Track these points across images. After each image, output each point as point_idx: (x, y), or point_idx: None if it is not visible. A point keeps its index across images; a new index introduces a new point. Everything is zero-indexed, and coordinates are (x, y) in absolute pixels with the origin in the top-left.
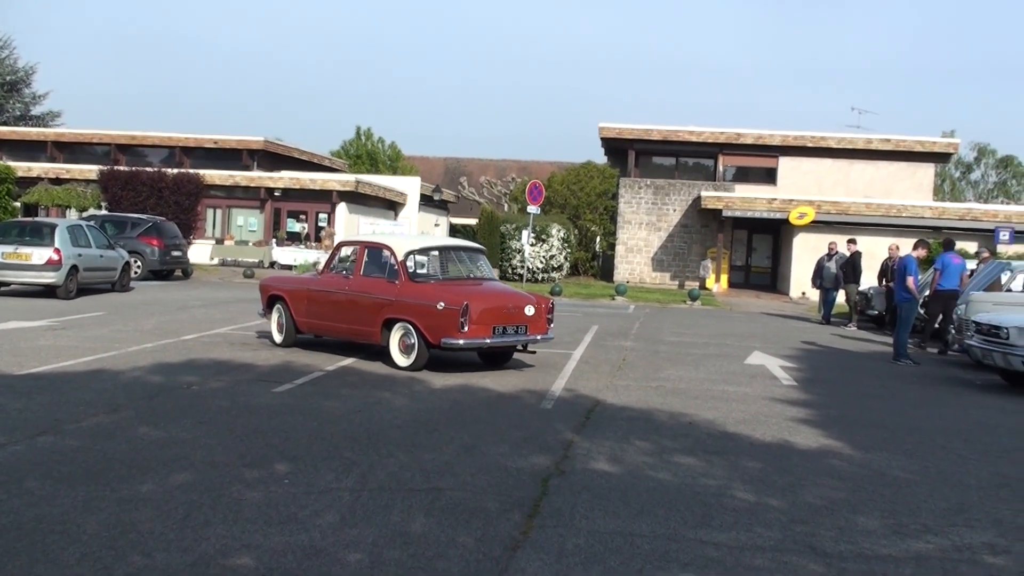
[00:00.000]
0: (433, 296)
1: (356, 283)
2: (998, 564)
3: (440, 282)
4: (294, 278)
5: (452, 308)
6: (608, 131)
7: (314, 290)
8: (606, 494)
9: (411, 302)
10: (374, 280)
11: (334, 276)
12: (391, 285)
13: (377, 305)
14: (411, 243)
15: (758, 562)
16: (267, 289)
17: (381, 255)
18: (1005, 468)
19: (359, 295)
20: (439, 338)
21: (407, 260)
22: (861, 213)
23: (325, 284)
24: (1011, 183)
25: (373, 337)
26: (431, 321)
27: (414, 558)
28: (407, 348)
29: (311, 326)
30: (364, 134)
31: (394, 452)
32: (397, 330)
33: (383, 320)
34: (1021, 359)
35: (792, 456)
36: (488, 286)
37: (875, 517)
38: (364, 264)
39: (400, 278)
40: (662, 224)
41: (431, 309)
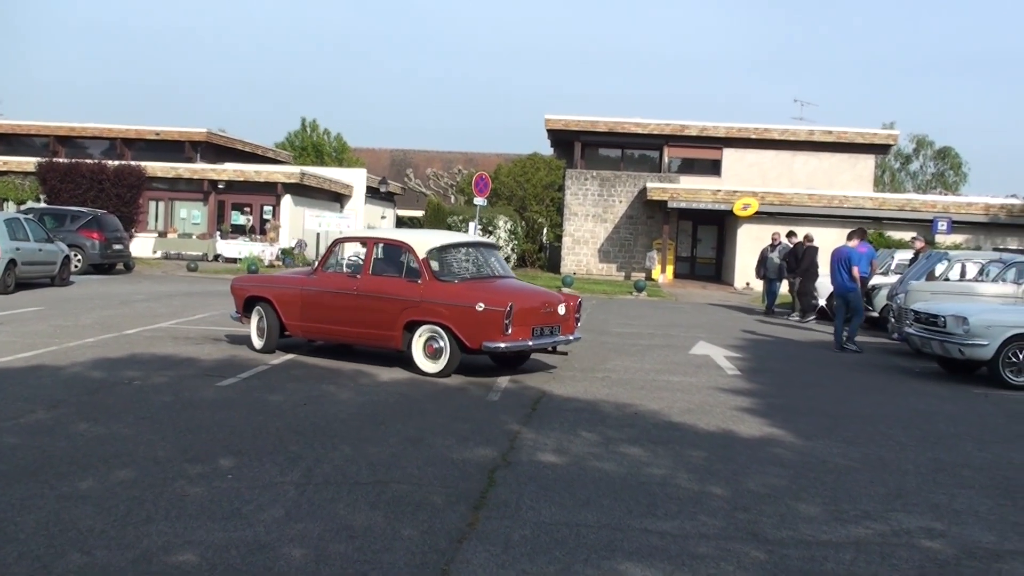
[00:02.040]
0: (468, 296)
1: (367, 283)
2: (935, 548)
3: (466, 281)
4: (279, 278)
5: (495, 309)
6: (554, 123)
7: (310, 291)
8: (552, 485)
9: (442, 303)
10: (390, 280)
11: (334, 275)
12: (413, 285)
13: (397, 307)
14: (431, 240)
15: (702, 550)
16: (243, 290)
17: (397, 253)
18: (942, 454)
19: (372, 296)
20: (479, 342)
21: (430, 258)
22: (804, 204)
23: (324, 284)
24: (949, 174)
25: (391, 342)
26: (469, 324)
27: (359, 551)
28: (435, 353)
29: (307, 330)
30: (309, 126)
31: (339, 445)
32: (422, 334)
33: (405, 323)
34: (958, 347)
35: (736, 445)
36: (514, 284)
37: (816, 504)
38: (374, 262)
39: (423, 277)
40: (608, 215)
41: (469, 311)
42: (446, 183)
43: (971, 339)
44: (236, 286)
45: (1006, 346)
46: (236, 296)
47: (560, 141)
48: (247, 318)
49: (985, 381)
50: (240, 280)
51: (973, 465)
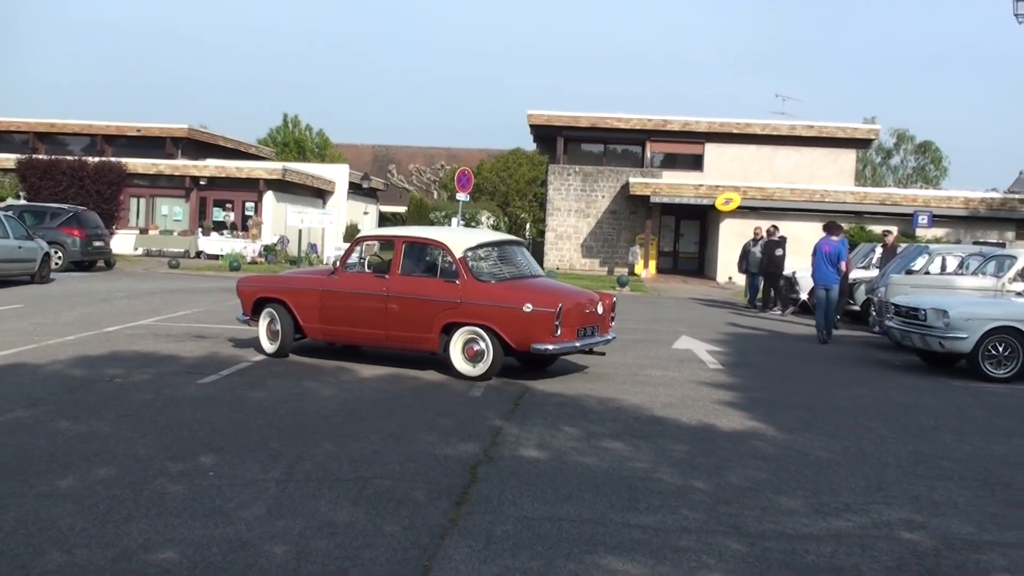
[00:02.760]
0: (513, 297)
1: (397, 284)
2: (914, 539)
3: (505, 281)
4: (293, 278)
5: (544, 311)
6: (537, 118)
7: (332, 291)
8: (534, 480)
9: (485, 305)
10: (424, 280)
11: (358, 275)
12: (450, 286)
13: (433, 308)
14: (467, 238)
15: (683, 543)
16: (252, 292)
17: (430, 252)
18: (922, 446)
19: (405, 298)
20: (528, 344)
21: (467, 258)
22: (785, 199)
23: (348, 285)
24: (929, 168)
25: (427, 344)
26: (517, 325)
27: (341, 548)
28: (475, 355)
29: (329, 333)
30: (291, 122)
31: (321, 442)
32: (461, 336)
33: (443, 325)
34: (938, 340)
35: (718, 439)
36: (552, 283)
37: (797, 497)
38: (403, 262)
39: (462, 278)
40: (591, 211)
41: (516, 312)
42: (429, 179)
43: (951, 332)
44: (244, 288)
45: (986, 339)
46: (244, 298)
47: (543, 137)
48: (255, 321)
49: (965, 374)
50: (247, 281)
51: (953, 457)
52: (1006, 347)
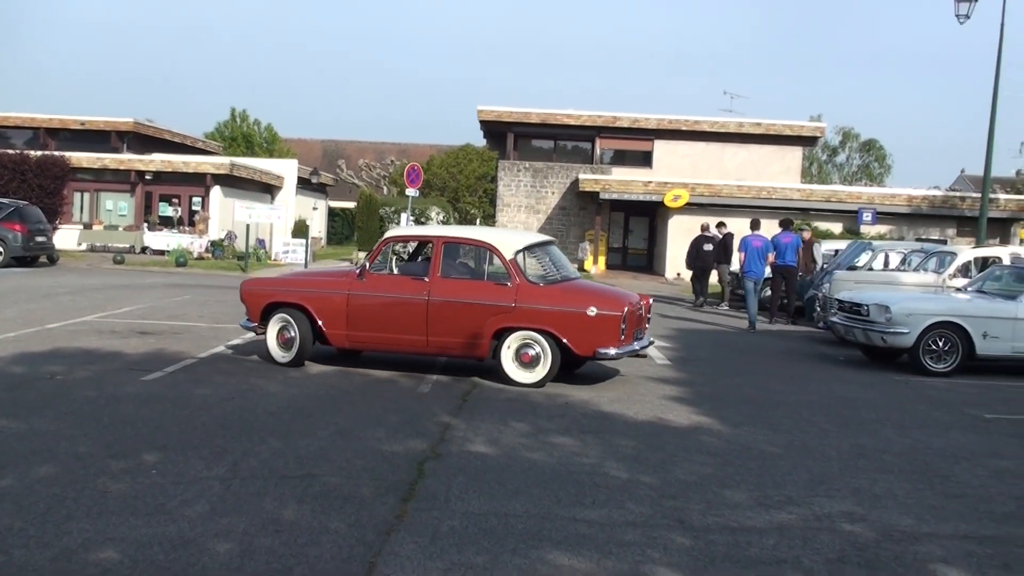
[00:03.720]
0: (574, 300)
1: (441, 287)
2: (855, 531)
3: (556, 283)
4: (311, 280)
5: (611, 314)
6: (487, 114)
7: (361, 296)
8: (482, 476)
9: (544, 309)
10: (471, 283)
11: (392, 277)
12: (502, 288)
13: (484, 313)
14: (516, 239)
15: (629, 537)
16: (261, 296)
17: (474, 253)
18: (864, 439)
19: (450, 302)
20: (592, 348)
21: (517, 259)
22: (733, 195)
23: (380, 288)
24: (874, 166)
25: (476, 350)
26: (580, 329)
27: (286, 545)
28: (531, 361)
29: (358, 340)
30: (239, 116)
31: (267, 439)
32: (514, 341)
33: (495, 330)
34: (880, 335)
35: (665, 433)
36: (598, 285)
37: (742, 490)
38: (443, 264)
39: (513, 280)
40: (541, 207)
41: (580, 316)
42: (379, 174)
43: (893, 327)
44: (251, 291)
45: (926, 334)
46: (251, 302)
47: (493, 132)
48: (263, 328)
49: (906, 368)
50: (254, 284)
51: (893, 450)
52: (946, 342)
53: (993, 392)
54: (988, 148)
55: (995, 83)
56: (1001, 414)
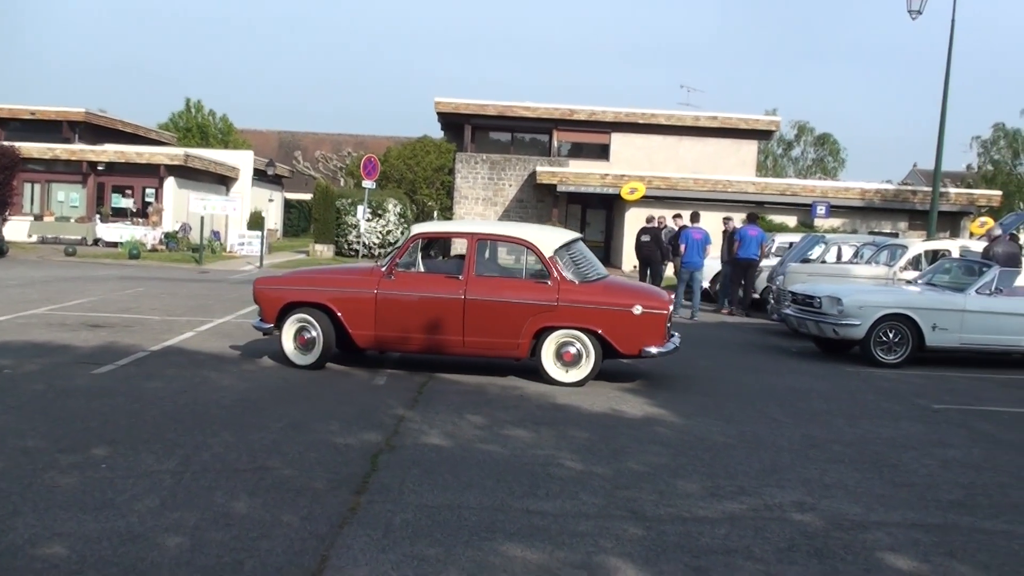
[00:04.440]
0: (617, 298)
1: (477, 286)
2: (805, 521)
3: (595, 281)
4: (333, 278)
5: (656, 312)
6: (444, 106)
7: (391, 295)
8: (436, 468)
9: (587, 307)
10: (509, 281)
11: (423, 276)
12: (542, 287)
13: (525, 312)
14: (554, 237)
15: (582, 528)
16: (279, 295)
17: (511, 251)
18: (815, 430)
19: (488, 301)
20: (638, 347)
21: (557, 257)
22: (689, 188)
23: (411, 287)
24: (828, 160)
25: (515, 350)
26: (625, 328)
27: (237, 539)
28: (572, 360)
29: (386, 341)
30: (194, 106)
31: (219, 432)
32: (554, 340)
33: (537, 329)
34: (832, 327)
35: (619, 425)
36: (633, 282)
37: (694, 481)
38: (478, 262)
39: (554, 278)
40: (498, 199)
41: (625, 315)
42: (335, 166)
43: (845, 319)
44: (266, 291)
45: (877, 326)
46: (267, 302)
47: (450, 124)
48: (278, 329)
49: (858, 359)
50: (269, 284)
51: (843, 440)
52: (896, 333)
53: (941, 383)
54: (939, 143)
55: (946, 78)
56: (949, 404)
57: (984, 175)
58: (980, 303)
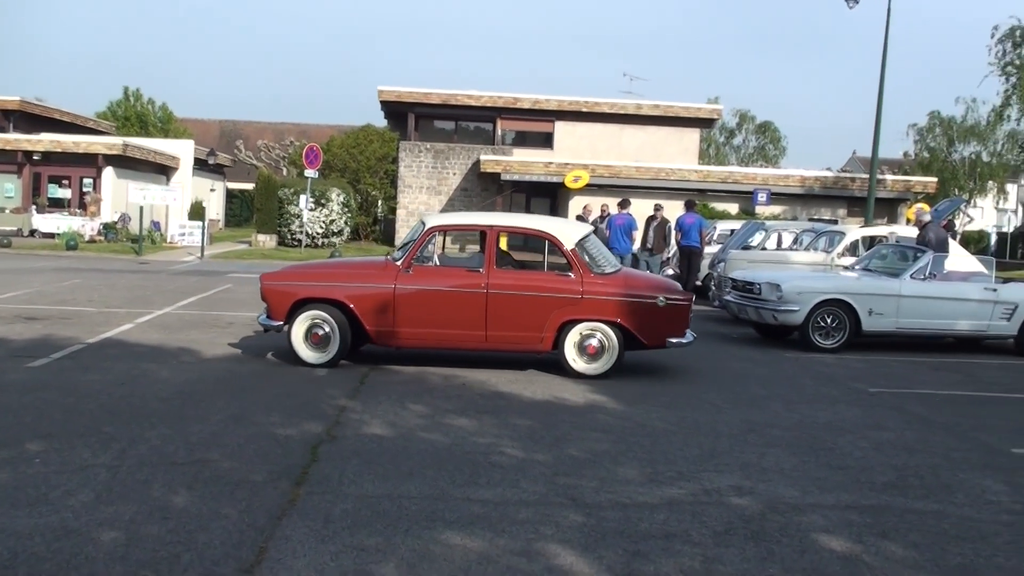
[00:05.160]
0: (640, 290)
1: (499, 279)
2: (742, 504)
3: (614, 274)
4: (346, 272)
5: (679, 303)
6: (387, 94)
7: (410, 290)
8: (376, 458)
9: (612, 299)
10: (532, 274)
11: (442, 270)
12: (565, 280)
13: (549, 305)
14: (574, 229)
15: (522, 516)
16: (290, 291)
17: (531, 243)
18: (753, 415)
19: (513, 294)
20: (662, 338)
21: (578, 249)
22: (632, 176)
23: (431, 281)
24: (769, 148)
25: (538, 344)
26: (649, 319)
27: (173, 533)
28: (596, 353)
29: (406, 337)
30: (133, 95)
31: (157, 425)
32: (577, 332)
33: (561, 322)
34: (772, 313)
35: (560, 412)
36: (646, 273)
37: (634, 467)
38: (499, 255)
39: (577, 271)
40: (442, 188)
41: (650, 306)
42: (278, 155)
43: (784, 305)
44: (275, 287)
45: (815, 311)
46: (276, 299)
47: (394, 113)
48: (288, 327)
49: (797, 345)
50: (277, 279)
51: (781, 425)
52: (834, 319)
53: (878, 367)
54: (875, 131)
55: (882, 66)
56: (884, 388)
57: (920, 162)
58: (914, 288)
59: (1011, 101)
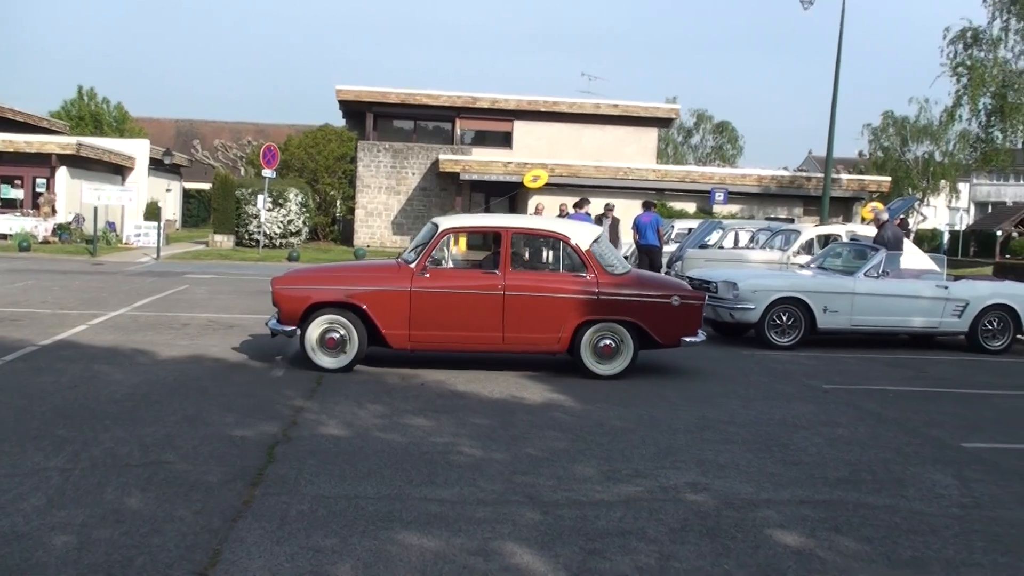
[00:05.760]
0: (655, 290)
1: (517, 280)
2: (698, 501)
3: (628, 273)
4: (355, 275)
5: (693, 302)
6: (345, 93)
7: (426, 292)
8: (333, 459)
9: (628, 300)
10: (549, 275)
11: (458, 272)
12: (582, 280)
13: (567, 306)
14: (587, 231)
15: (480, 515)
16: (303, 295)
17: (547, 244)
18: (710, 412)
19: (530, 295)
20: (676, 337)
21: (593, 250)
22: (591, 176)
23: (448, 283)
24: (727, 147)
25: (555, 345)
26: (664, 319)
27: (127, 536)
28: (611, 353)
29: (422, 340)
30: (87, 94)
31: (111, 427)
32: (593, 333)
33: (579, 323)
34: (728, 311)
35: (518, 411)
36: (656, 274)
37: (591, 465)
38: (513, 256)
39: (592, 272)
40: (401, 187)
41: (665, 306)
42: (235, 154)
43: (740, 303)
44: (287, 292)
45: (771, 309)
46: (289, 303)
47: (352, 112)
48: (302, 332)
49: (753, 342)
50: (290, 283)
51: (737, 422)
52: (789, 316)
53: (832, 364)
54: (830, 131)
55: (836, 67)
56: (838, 384)
57: (875, 161)
58: (868, 286)
59: (962, 101)
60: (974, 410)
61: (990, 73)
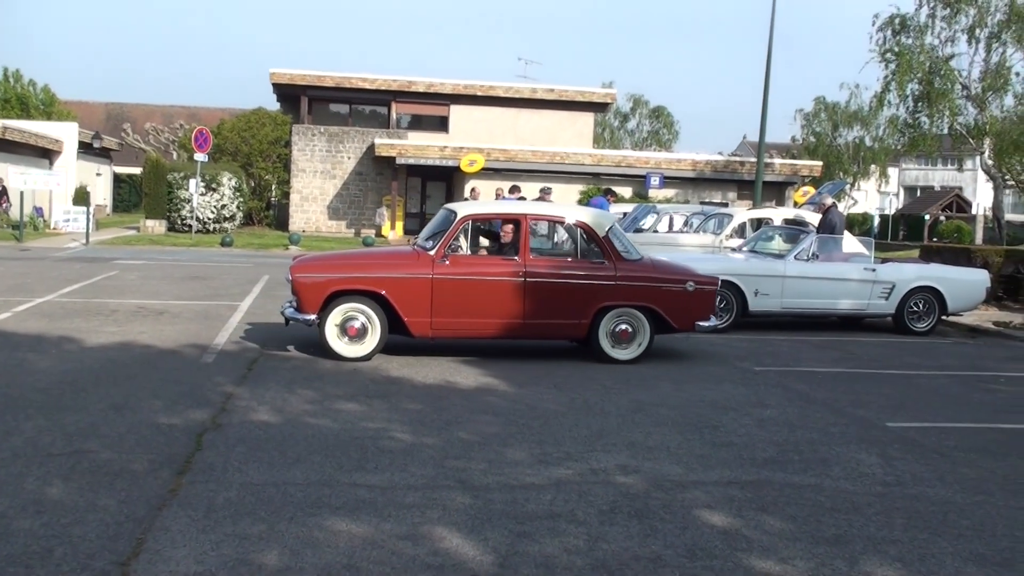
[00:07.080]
0: (670, 275)
1: (537, 266)
2: (628, 483)
3: (643, 259)
4: (374, 262)
5: (707, 288)
6: (280, 77)
7: (448, 278)
8: (263, 445)
9: (645, 285)
10: (567, 261)
11: (478, 259)
12: (601, 266)
13: (587, 291)
14: (603, 217)
15: (410, 500)
16: (324, 283)
17: (564, 231)
18: (642, 395)
19: (551, 282)
20: (691, 322)
21: (610, 236)
22: (528, 160)
23: (469, 270)
24: (663, 132)
25: (575, 331)
26: (679, 304)
27: (47, 526)
28: (628, 338)
29: (443, 327)
30: (12, 76)
31: (34, 416)
32: (611, 319)
33: (598, 308)
34: None
35: (451, 395)
36: (671, 260)
37: (523, 449)
38: (531, 242)
39: (610, 257)
40: (337, 172)
41: (680, 292)
42: (167, 138)
43: None
44: (307, 280)
45: None
46: (308, 292)
47: (286, 96)
48: (321, 320)
49: None
50: (308, 270)
51: (668, 404)
52: (721, 299)
53: (763, 346)
54: (762, 116)
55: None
56: (768, 366)
57: (807, 146)
58: (798, 269)
59: (890, 87)
60: (899, 390)
61: (917, 60)
